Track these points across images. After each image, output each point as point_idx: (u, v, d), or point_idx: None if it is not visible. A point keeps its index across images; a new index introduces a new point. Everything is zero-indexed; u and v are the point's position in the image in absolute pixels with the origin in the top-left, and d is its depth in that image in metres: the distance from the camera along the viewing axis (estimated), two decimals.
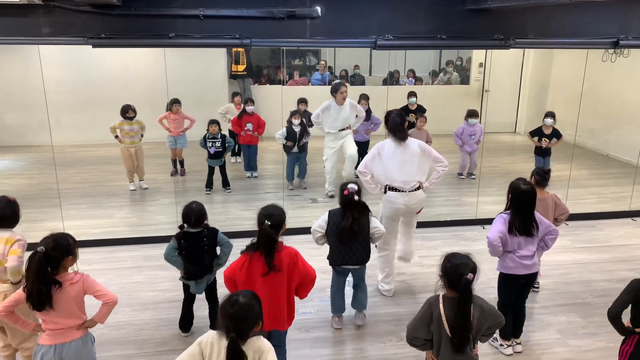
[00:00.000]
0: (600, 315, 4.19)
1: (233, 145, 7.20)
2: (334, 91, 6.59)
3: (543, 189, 4.24)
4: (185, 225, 3.67)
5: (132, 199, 6.85)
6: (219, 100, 9.77)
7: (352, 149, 6.78)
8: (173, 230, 5.57)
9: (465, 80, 11.50)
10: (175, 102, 7.37)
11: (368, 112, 7.38)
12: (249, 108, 7.52)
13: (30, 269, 2.66)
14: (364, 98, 7.43)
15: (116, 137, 6.95)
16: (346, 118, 6.71)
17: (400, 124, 4.23)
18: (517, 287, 3.63)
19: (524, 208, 3.46)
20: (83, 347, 2.85)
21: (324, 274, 4.73)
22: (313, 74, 11.14)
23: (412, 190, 4.23)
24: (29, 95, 8.41)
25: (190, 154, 7.96)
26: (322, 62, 11.27)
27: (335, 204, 3.86)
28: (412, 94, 8.05)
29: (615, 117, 8.70)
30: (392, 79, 10.93)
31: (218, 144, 6.85)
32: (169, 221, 5.90)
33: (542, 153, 7.30)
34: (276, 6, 4.61)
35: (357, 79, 11.19)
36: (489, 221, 5.95)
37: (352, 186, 3.64)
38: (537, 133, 7.31)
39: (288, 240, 5.53)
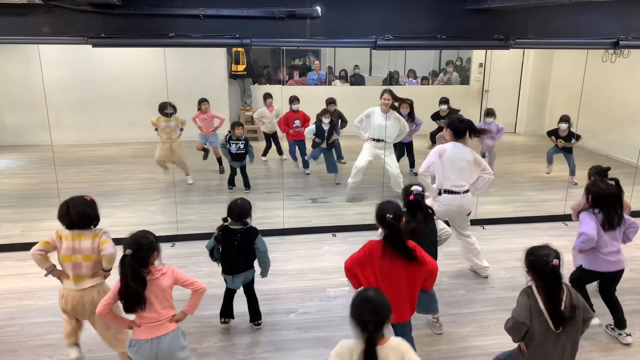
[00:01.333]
0: (600, 315, 4.19)
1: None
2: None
3: None
4: (229, 219, 3.71)
5: (132, 199, 6.84)
6: (219, 100, 9.77)
7: (395, 169, 6.67)
8: (173, 230, 5.64)
9: (465, 80, 11.50)
10: (203, 101, 7.42)
11: (411, 114, 7.36)
12: (295, 106, 7.81)
13: (125, 273, 2.74)
14: (405, 102, 7.33)
15: (156, 129, 7.04)
16: (387, 128, 6.45)
17: (465, 130, 4.40)
18: (593, 280, 3.82)
19: (609, 207, 3.65)
20: (177, 340, 2.92)
21: (323, 274, 4.74)
22: (308, 74, 11.15)
23: (464, 192, 4.45)
24: (29, 95, 8.41)
25: (191, 153, 7.96)
26: (316, 62, 11.30)
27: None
28: (444, 101, 8.03)
29: (615, 118, 8.71)
30: (392, 79, 10.94)
31: (241, 146, 6.88)
32: (169, 221, 5.90)
33: (563, 151, 7.38)
34: (276, 6, 4.61)
35: (357, 79, 11.20)
36: (488, 221, 6.01)
37: (417, 188, 3.59)
38: (553, 133, 7.37)
39: (288, 241, 5.55)
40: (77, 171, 7.83)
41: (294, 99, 7.93)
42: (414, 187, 3.57)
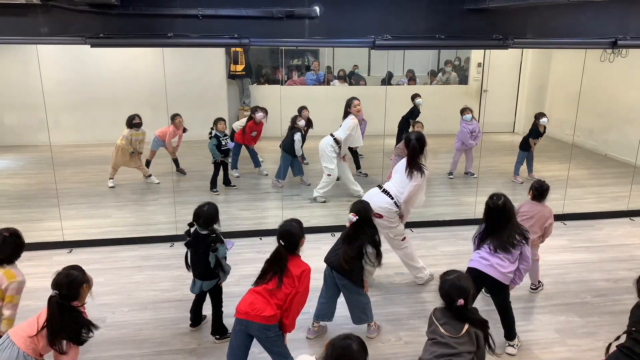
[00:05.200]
0: (599, 314, 4.21)
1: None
2: (348, 106, 6.60)
3: (540, 202, 4.33)
4: (195, 224, 3.69)
5: (131, 199, 6.84)
6: (217, 100, 9.77)
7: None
8: (172, 230, 5.64)
9: (463, 80, 11.50)
10: (178, 115, 7.33)
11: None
12: (259, 115, 7.49)
13: None
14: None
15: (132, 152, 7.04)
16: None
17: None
18: (477, 287, 3.57)
19: (496, 224, 3.50)
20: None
21: (322, 274, 4.73)
22: (306, 74, 11.13)
23: (381, 191, 4.42)
24: (27, 95, 8.38)
25: (189, 153, 7.96)
26: (315, 63, 11.30)
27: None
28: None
29: (613, 117, 8.72)
30: (390, 79, 10.93)
31: (228, 140, 6.89)
32: (168, 221, 5.90)
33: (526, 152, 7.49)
34: (275, 6, 4.61)
35: (356, 79, 11.20)
36: None
37: (350, 217, 3.64)
38: (535, 134, 7.42)
39: None
40: (75, 171, 7.82)
41: (257, 108, 7.69)
42: (349, 216, 3.64)
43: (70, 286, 2.79)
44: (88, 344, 3.74)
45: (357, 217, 3.62)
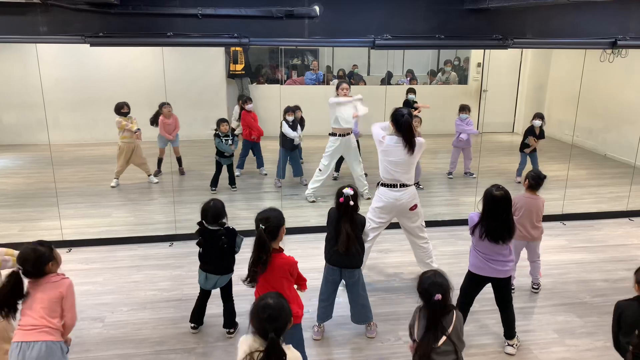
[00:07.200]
0: (597, 314, 4.21)
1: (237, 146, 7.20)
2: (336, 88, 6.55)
3: (535, 192, 4.34)
4: (204, 222, 3.73)
5: (130, 198, 6.83)
6: (217, 99, 9.78)
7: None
8: (171, 230, 5.65)
9: (463, 80, 11.51)
10: (166, 104, 7.30)
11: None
12: (248, 106, 7.50)
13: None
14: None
15: (136, 131, 7.00)
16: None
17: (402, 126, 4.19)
18: (478, 287, 3.66)
19: (495, 214, 3.43)
20: (50, 353, 2.72)
21: (321, 273, 4.73)
22: (306, 74, 11.14)
23: (401, 187, 4.28)
24: (26, 94, 8.40)
25: (189, 153, 7.95)
26: (314, 62, 11.31)
27: (333, 204, 3.80)
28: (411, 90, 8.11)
29: (612, 117, 8.73)
30: (390, 79, 10.94)
31: (230, 141, 6.88)
32: (167, 220, 5.90)
33: (529, 155, 7.43)
34: (274, 5, 4.60)
35: (356, 79, 11.20)
36: None
37: (348, 191, 3.55)
38: (531, 132, 7.36)
39: (287, 240, 5.53)
40: (74, 170, 7.81)
41: (247, 99, 7.65)
42: (345, 190, 3.55)
43: (36, 262, 2.72)
44: (88, 343, 3.77)
45: (353, 190, 3.57)
